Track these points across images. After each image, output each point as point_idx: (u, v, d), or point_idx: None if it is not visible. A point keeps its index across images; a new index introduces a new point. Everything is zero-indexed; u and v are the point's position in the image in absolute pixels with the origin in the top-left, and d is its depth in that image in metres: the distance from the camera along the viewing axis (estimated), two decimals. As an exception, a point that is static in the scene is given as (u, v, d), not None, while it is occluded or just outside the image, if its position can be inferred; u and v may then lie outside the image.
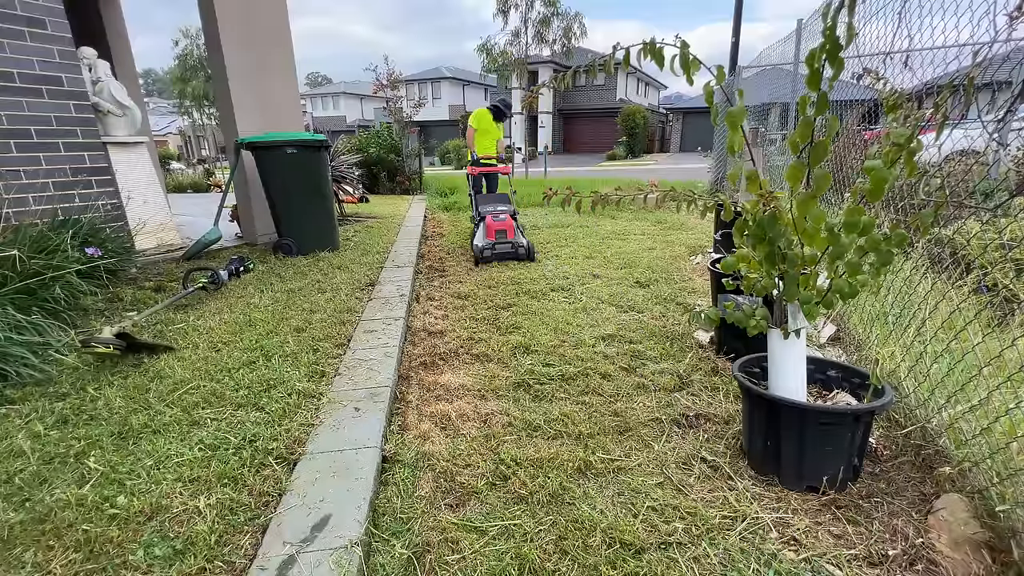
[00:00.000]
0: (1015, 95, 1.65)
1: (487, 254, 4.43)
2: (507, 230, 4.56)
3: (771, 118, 6.83)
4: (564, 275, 4.01)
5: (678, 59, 1.40)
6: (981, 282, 2.27)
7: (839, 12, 1.15)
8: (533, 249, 4.53)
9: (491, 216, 4.68)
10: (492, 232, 4.56)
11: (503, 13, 18.76)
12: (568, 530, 1.42)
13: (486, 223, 4.66)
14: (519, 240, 4.58)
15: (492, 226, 4.58)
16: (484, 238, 4.58)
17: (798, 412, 1.54)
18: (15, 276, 2.52)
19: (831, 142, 1.33)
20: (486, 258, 4.41)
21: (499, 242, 4.47)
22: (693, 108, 32.09)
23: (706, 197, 1.73)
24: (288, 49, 5.25)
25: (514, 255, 4.49)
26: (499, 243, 4.46)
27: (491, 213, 4.77)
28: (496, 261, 4.45)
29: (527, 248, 4.51)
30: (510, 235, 4.57)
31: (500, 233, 4.54)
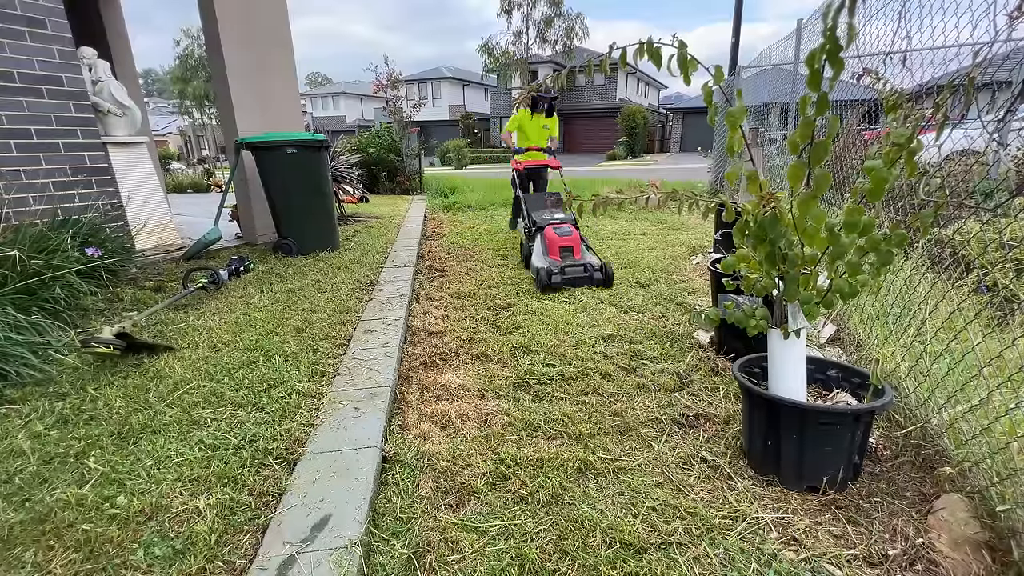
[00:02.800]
0: (1015, 95, 1.65)
1: (556, 279, 3.51)
2: (574, 247, 3.76)
3: (771, 118, 6.83)
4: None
5: (675, 59, 1.40)
6: (981, 282, 2.27)
7: (839, 12, 1.15)
8: (611, 271, 3.60)
9: (552, 228, 3.86)
10: (556, 249, 3.74)
11: (507, 13, 18.78)
12: (568, 530, 1.42)
13: (546, 237, 3.81)
14: (590, 259, 3.73)
15: (555, 242, 3.75)
16: (547, 257, 3.75)
17: (798, 412, 1.54)
18: (15, 276, 2.52)
19: (831, 142, 1.33)
20: (554, 285, 3.51)
21: (569, 264, 3.61)
22: (693, 108, 32.08)
23: (707, 198, 1.73)
24: (288, 49, 5.25)
25: (588, 279, 3.59)
26: (569, 265, 3.59)
27: (550, 223, 3.95)
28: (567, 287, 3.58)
29: (604, 271, 3.59)
30: (577, 253, 3.78)
31: (566, 252, 3.75)
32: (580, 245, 3.84)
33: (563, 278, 3.55)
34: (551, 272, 3.52)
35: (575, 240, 3.81)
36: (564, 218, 4.03)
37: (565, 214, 4.08)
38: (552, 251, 3.76)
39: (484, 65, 20.64)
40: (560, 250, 3.75)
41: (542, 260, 3.74)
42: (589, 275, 3.59)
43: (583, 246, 3.87)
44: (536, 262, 3.75)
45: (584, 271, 3.59)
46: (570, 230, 3.85)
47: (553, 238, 3.78)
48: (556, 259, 3.71)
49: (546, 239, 3.81)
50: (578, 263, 3.63)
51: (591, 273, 3.59)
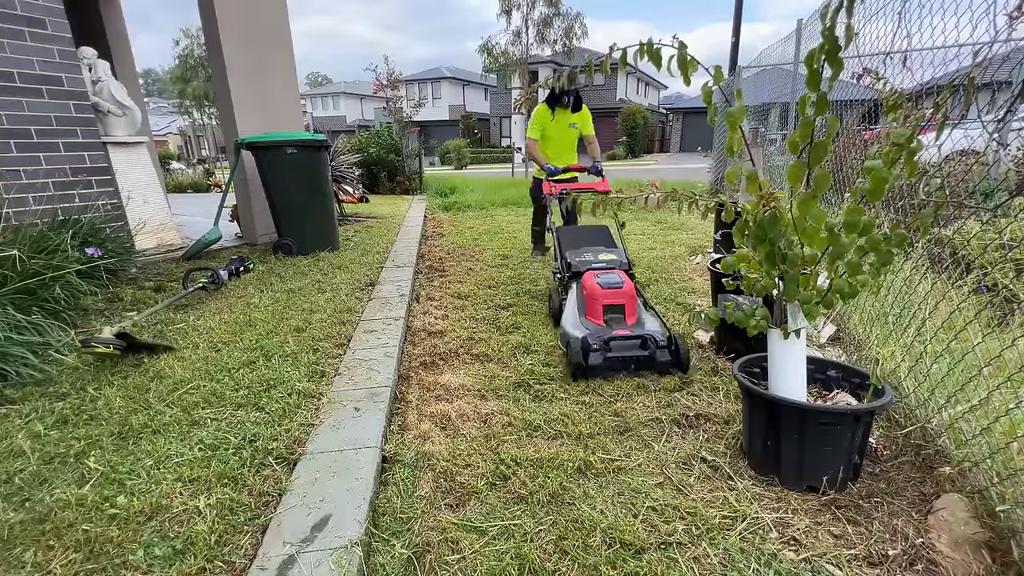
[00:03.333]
0: (1015, 95, 1.65)
1: (595, 359, 2.24)
2: (626, 305, 2.55)
3: (771, 118, 6.83)
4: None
5: (675, 60, 1.40)
6: (981, 282, 2.27)
7: (838, 13, 1.15)
8: (685, 350, 2.30)
9: (594, 275, 2.67)
10: (598, 308, 2.55)
11: (506, 13, 18.76)
12: (568, 530, 1.42)
13: (585, 288, 2.65)
14: (651, 327, 2.48)
15: (598, 296, 2.55)
16: (584, 320, 2.57)
17: (798, 412, 1.54)
18: (15, 276, 2.52)
19: (831, 142, 1.33)
20: (594, 368, 2.26)
21: (617, 336, 2.32)
22: (693, 108, 32.10)
23: (707, 198, 1.73)
24: (288, 49, 5.25)
25: (648, 361, 2.29)
26: (618, 338, 2.31)
27: (590, 266, 2.83)
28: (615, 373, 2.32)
29: (672, 347, 2.30)
30: (630, 314, 2.56)
31: (614, 312, 2.55)
32: (636, 303, 2.60)
33: (607, 357, 2.24)
34: (589, 347, 2.23)
35: (628, 295, 2.56)
36: (612, 261, 2.88)
37: (613, 255, 2.96)
38: (593, 310, 2.57)
39: (484, 65, 20.61)
40: (605, 310, 2.54)
41: (577, 324, 2.53)
42: (649, 354, 2.27)
43: (639, 304, 2.63)
44: (568, 326, 2.53)
45: (642, 346, 2.29)
46: (621, 279, 2.62)
47: (595, 290, 2.57)
48: (599, 323, 2.52)
49: (585, 291, 2.64)
50: (631, 336, 2.31)
51: (652, 351, 2.27)
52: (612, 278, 2.64)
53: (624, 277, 2.67)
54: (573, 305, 2.68)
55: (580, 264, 2.89)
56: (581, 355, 2.23)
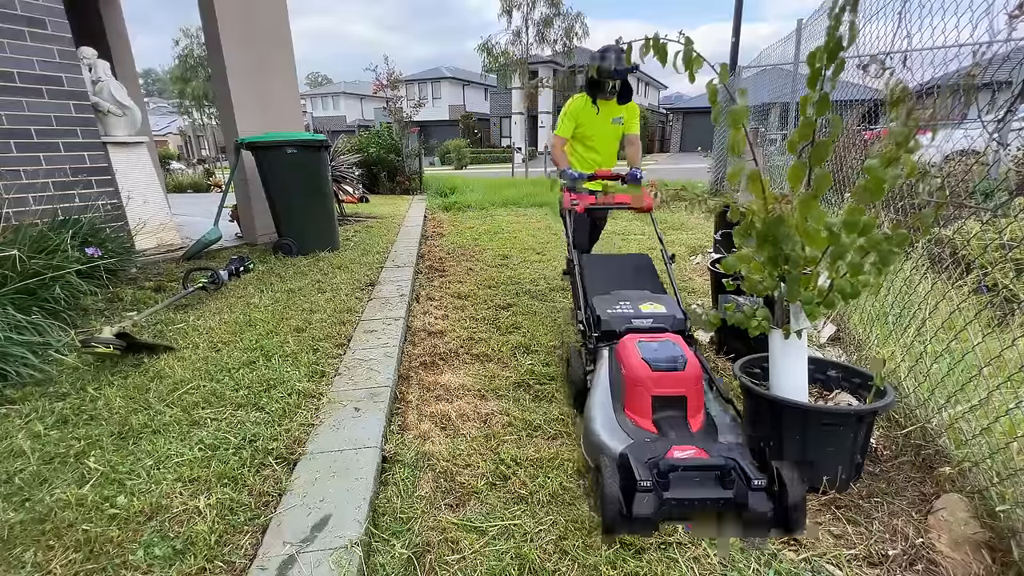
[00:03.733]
0: (1015, 95, 1.65)
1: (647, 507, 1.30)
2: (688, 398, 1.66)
3: (771, 118, 6.83)
4: (564, 275, 4.00)
5: (681, 56, 1.40)
6: (981, 282, 2.27)
7: (843, 12, 1.15)
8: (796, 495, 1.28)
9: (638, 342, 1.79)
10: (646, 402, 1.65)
11: (507, 13, 18.76)
12: (568, 530, 1.42)
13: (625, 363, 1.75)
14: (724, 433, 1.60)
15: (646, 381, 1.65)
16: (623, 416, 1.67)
17: (800, 413, 1.54)
18: (15, 276, 2.52)
19: (832, 143, 1.33)
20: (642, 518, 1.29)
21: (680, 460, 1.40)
22: (693, 108, 32.12)
23: (712, 198, 1.72)
24: (288, 49, 5.25)
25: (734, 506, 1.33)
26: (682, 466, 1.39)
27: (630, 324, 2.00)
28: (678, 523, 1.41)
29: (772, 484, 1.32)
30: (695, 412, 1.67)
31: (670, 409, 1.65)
32: (702, 393, 1.70)
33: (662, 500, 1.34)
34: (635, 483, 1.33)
35: (692, 381, 1.66)
36: (662, 316, 2.02)
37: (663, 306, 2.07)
38: (637, 403, 1.67)
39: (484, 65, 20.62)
40: (656, 404, 1.64)
41: (611, 424, 1.64)
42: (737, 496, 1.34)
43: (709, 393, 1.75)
44: (598, 425, 1.64)
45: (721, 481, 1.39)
46: (681, 354, 1.71)
47: (641, 371, 1.67)
48: (646, 426, 1.63)
49: (624, 369, 1.74)
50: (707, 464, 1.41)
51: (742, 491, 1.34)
52: (668, 350, 1.70)
53: (684, 348, 1.73)
54: (605, 388, 1.76)
55: (615, 320, 2.00)
56: (620, 499, 1.31)
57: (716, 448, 1.46)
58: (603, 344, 1.99)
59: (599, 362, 1.93)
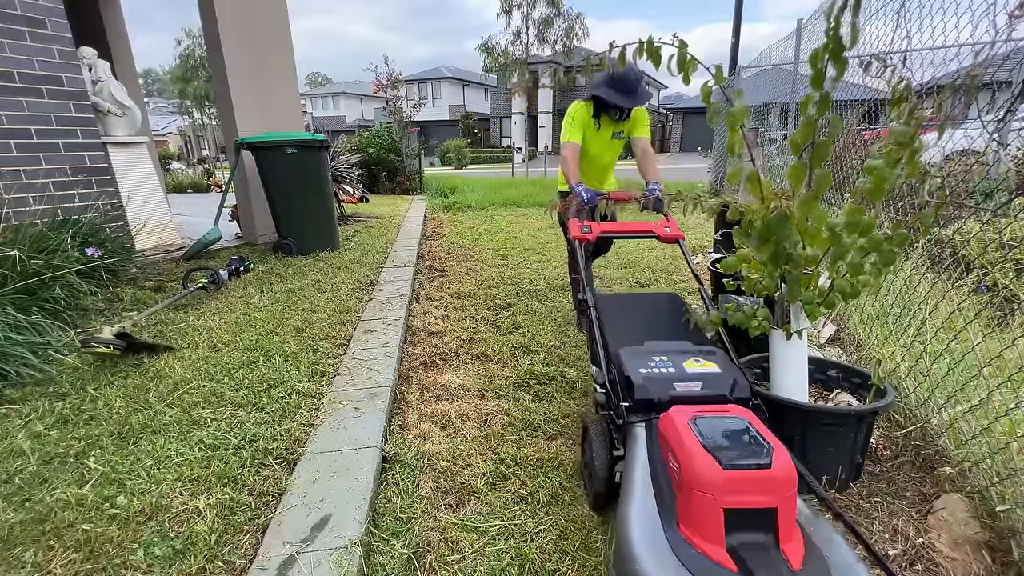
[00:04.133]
0: (1015, 95, 1.65)
1: None
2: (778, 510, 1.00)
3: (771, 118, 6.83)
4: (564, 275, 4.00)
5: (675, 59, 1.40)
6: (981, 282, 2.27)
7: (843, 12, 1.15)
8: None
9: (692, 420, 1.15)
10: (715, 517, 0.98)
11: (507, 13, 18.79)
12: (568, 530, 1.42)
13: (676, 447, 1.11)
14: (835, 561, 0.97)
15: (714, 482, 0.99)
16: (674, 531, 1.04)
17: (801, 413, 1.54)
18: (15, 276, 2.52)
19: (833, 143, 1.33)
20: None
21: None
22: (693, 108, 32.13)
23: (713, 199, 1.72)
24: (288, 49, 5.25)
25: None
26: None
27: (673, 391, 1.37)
28: None
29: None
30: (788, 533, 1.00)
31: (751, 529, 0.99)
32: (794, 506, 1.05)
33: None
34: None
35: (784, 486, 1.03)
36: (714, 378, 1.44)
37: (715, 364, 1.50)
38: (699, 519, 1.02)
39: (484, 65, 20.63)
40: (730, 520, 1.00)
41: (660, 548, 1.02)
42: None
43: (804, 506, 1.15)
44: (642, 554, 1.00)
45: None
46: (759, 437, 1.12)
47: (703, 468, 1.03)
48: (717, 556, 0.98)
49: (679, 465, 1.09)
50: None
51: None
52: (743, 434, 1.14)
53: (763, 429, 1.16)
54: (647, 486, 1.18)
55: (653, 383, 1.41)
56: None
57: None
58: (638, 419, 1.36)
59: (633, 446, 1.30)
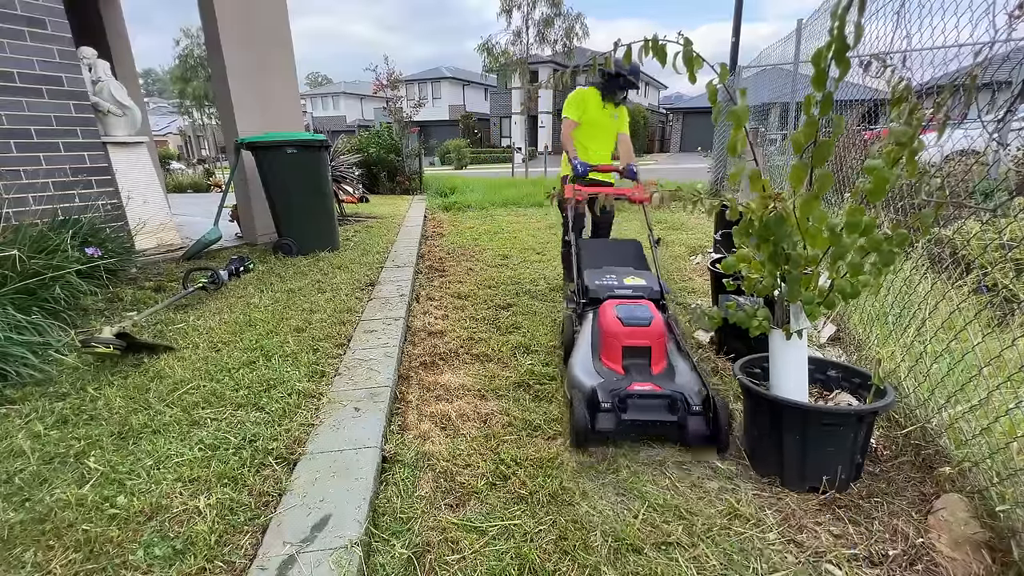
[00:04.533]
0: (1015, 95, 1.65)
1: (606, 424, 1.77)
2: (652, 348, 2.00)
3: (771, 118, 6.83)
4: (563, 275, 4.00)
5: (680, 56, 1.40)
6: (981, 282, 2.27)
7: (847, 11, 1.15)
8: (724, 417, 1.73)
9: (617, 305, 2.14)
10: (617, 350, 2.01)
11: (507, 13, 18.78)
12: (568, 530, 1.42)
13: (602, 322, 2.12)
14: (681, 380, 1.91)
15: (616, 334, 2.02)
16: (599, 363, 2.04)
17: (801, 413, 1.54)
18: (15, 276, 2.52)
19: (834, 142, 1.33)
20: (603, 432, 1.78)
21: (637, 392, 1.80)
22: (693, 108, 32.12)
23: (712, 198, 1.73)
24: (288, 49, 5.25)
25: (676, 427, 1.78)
26: (638, 395, 1.80)
27: (611, 292, 2.34)
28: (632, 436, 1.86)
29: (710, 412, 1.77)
30: (657, 361, 2.00)
31: (637, 358, 2.00)
32: (665, 346, 2.03)
33: (621, 420, 1.75)
34: (598, 405, 1.78)
35: (656, 335, 1.99)
36: (640, 287, 2.36)
37: (643, 280, 2.42)
38: (610, 352, 2.03)
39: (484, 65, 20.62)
40: (625, 353, 1.99)
41: (588, 368, 1.99)
42: (679, 420, 1.75)
43: (670, 347, 2.07)
44: (577, 370, 1.99)
45: (668, 408, 1.77)
46: (648, 313, 2.05)
47: (613, 326, 2.02)
48: (616, 369, 1.98)
49: (602, 326, 2.10)
50: (653, 395, 1.79)
51: (683, 416, 1.75)
52: (638, 311, 2.05)
53: (653, 310, 2.07)
54: (587, 342, 2.11)
55: (600, 289, 2.35)
56: (587, 416, 1.73)
57: (669, 385, 1.84)
58: (589, 308, 2.31)
59: (584, 323, 2.25)
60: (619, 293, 2.34)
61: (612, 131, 3.43)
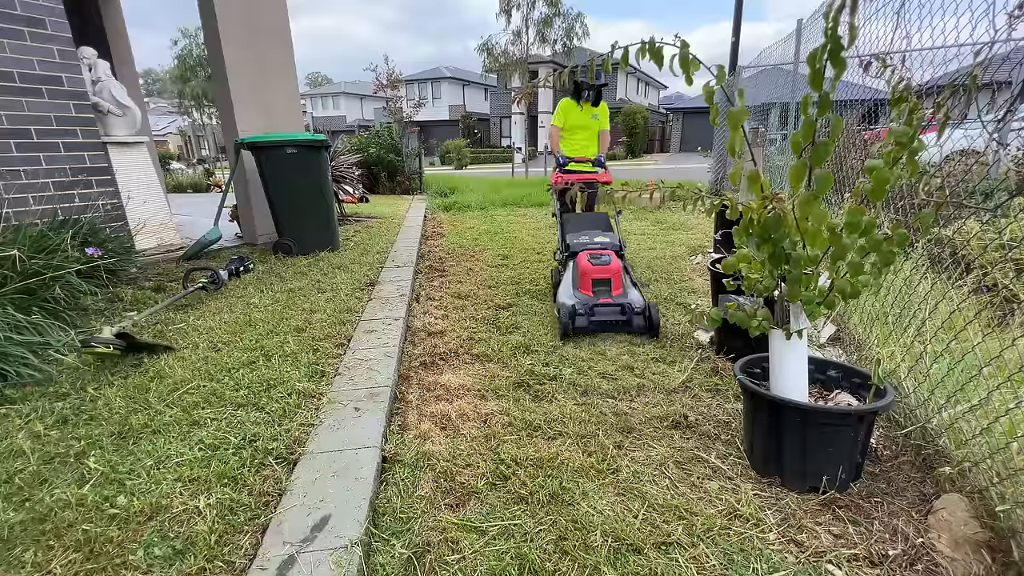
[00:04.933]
0: (1015, 95, 1.65)
1: (581, 323, 2.73)
2: (612, 280, 2.95)
3: (771, 118, 6.83)
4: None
5: (677, 59, 1.40)
6: (981, 282, 2.27)
7: (840, 12, 1.15)
8: (657, 318, 2.71)
9: (588, 255, 3.05)
10: (588, 282, 2.95)
11: (506, 13, 18.78)
12: (568, 530, 1.42)
13: (578, 266, 3.04)
14: (631, 296, 2.89)
15: (589, 272, 2.96)
16: (576, 290, 2.98)
17: (801, 413, 1.54)
18: (15, 276, 2.52)
19: (834, 143, 1.33)
20: (580, 328, 2.74)
21: (600, 303, 2.80)
22: (693, 108, 32.11)
23: (712, 197, 1.73)
24: (288, 49, 5.25)
25: (625, 324, 2.76)
26: (601, 304, 2.79)
27: (586, 246, 3.21)
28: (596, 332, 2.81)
29: (647, 314, 2.74)
30: (616, 287, 2.94)
31: (601, 286, 2.95)
32: (621, 279, 2.99)
33: (591, 320, 2.74)
34: (575, 313, 2.72)
35: (614, 271, 2.96)
36: (605, 243, 3.25)
37: (607, 238, 3.34)
38: (583, 284, 2.97)
39: (484, 65, 20.62)
40: (593, 283, 2.94)
41: (569, 294, 2.95)
42: (627, 318, 2.73)
43: (625, 280, 3.05)
44: (562, 296, 2.96)
45: (621, 312, 2.75)
46: (609, 258, 3.00)
47: (586, 267, 2.98)
48: (588, 294, 2.92)
49: (578, 268, 3.03)
50: (613, 304, 2.79)
51: (630, 316, 2.73)
52: (603, 257, 3.03)
53: (613, 257, 3.04)
54: (568, 280, 3.11)
55: (577, 245, 3.26)
56: (569, 318, 2.73)
57: (621, 300, 2.83)
58: (570, 259, 3.22)
59: (566, 269, 3.21)
60: (590, 247, 3.20)
61: (594, 129, 4.28)
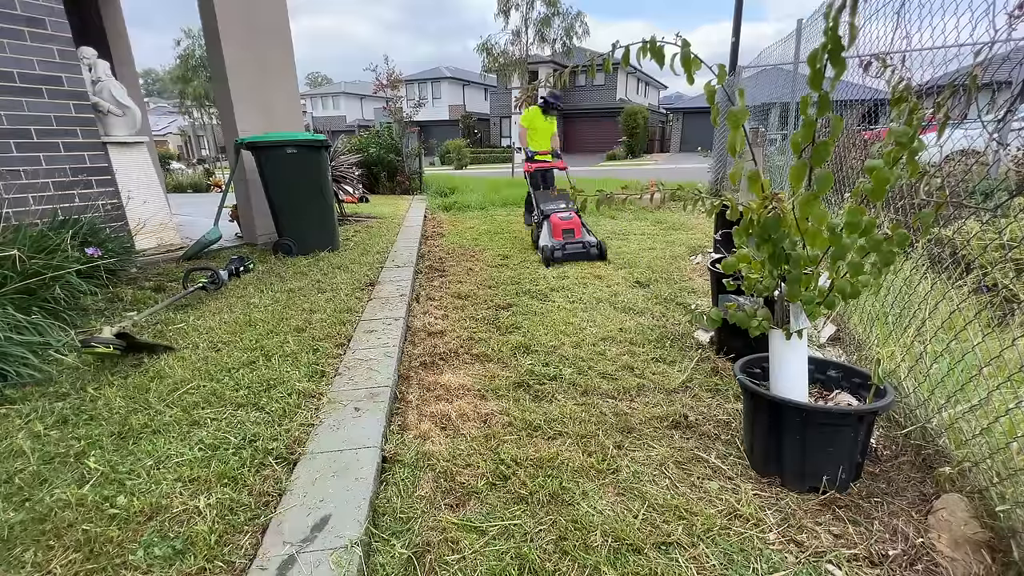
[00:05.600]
0: (1015, 95, 1.65)
1: (557, 255, 4.33)
2: (575, 228, 4.52)
3: (771, 118, 6.83)
4: (564, 275, 4.01)
5: (679, 58, 1.40)
6: (981, 282, 2.27)
7: (841, 12, 1.15)
8: (604, 248, 4.43)
9: (556, 215, 4.62)
10: (559, 231, 4.51)
11: (504, 13, 18.75)
12: (568, 530, 1.42)
13: (551, 222, 4.58)
14: (588, 239, 4.51)
15: (559, 225, 4.53)
16: (551, 238, 4.51)
17: (801, 413, 1.54)
18: (15, 276, 2.52)
19: (833, 143, 1.33)
20: (556, 259, 4.32)
21: (568, 242, 4.39)
22: (693, 108, 32.08)
23: (712, 197, 1.73)
24: (288, 49, 5.24)
25: (585, 255, 4.40)
26: (569, 243, 4.38)
27: (555, 211, 4.71)
28: (567, 262, 4.37)
29: (598, 247, 4.43)
30: (578, 234, 4.51)
31: (568, 233, 4.48)
32: (580, 228, 4.59)
33: (564, 254, 4.37)
34: (554, 249, 4.35)
35: (576, 224, 4.58)
36: (568, 207, 4.85)
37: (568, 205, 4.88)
38: (556, 233, 4.53)
39: (483, 65, 20.60)
40: (563, 232, 4.51)
41: (548, 240, 4.53)
42: (586, 251, 4.42)
43: (583, 229, 4.64)
44: (542, 242, 4.60)
45: (582, 247, 4.42)
46: (571, 216, 4.63)
47: (557, 222, 4.56)
48: (559, 239, 4.47)
49: (551, 223, 4.60)
50: (577, 241, 4.45)
51: (588, 249, 4.42)
52: (566, 216, 4.63)
53: (574, 214, 4.65)
54: (546, 232, 4.67)
55: (549, 210, 4.80)
56: (551, 254, 4.34)
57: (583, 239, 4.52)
58: (544, 219, 4.76)
59: (542, 226, 4.77)
60: (558, 211, 4.73)
61: (549, 132, 5.95)
